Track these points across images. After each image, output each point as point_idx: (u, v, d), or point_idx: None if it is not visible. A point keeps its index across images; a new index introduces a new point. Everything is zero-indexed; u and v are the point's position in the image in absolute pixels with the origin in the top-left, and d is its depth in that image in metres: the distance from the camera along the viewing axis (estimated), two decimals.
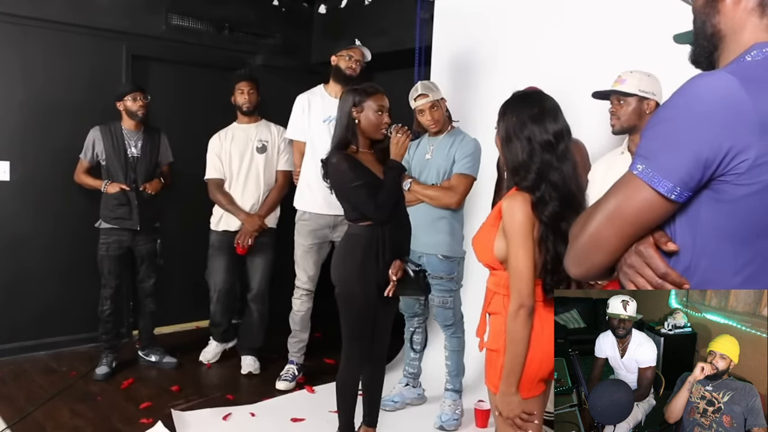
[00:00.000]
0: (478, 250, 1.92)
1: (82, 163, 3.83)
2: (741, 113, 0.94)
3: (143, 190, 3.74)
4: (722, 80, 0.97)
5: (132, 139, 3.79)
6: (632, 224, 1.04)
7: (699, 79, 0.99)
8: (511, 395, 1.77)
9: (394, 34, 4.36)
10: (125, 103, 3.75)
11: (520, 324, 1.74)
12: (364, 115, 2.60)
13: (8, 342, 3.99)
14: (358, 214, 2.58)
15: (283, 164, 3.96)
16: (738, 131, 0.94)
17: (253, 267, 3.96)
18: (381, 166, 2.63)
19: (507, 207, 1.79)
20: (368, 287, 2.56)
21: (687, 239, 1.03)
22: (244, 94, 3.93)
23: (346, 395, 2.72)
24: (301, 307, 3.73)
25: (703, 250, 1.02)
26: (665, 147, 1.00)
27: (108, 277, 3.76)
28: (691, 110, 0.98)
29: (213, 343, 4.13)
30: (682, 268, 1.04)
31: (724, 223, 1.00)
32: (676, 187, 0.98)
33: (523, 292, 1.74)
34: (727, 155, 0.95)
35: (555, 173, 1.79)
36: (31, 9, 3.93)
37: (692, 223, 1.02)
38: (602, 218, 1.07)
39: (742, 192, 0.96)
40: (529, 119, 1.81)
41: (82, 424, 3.11)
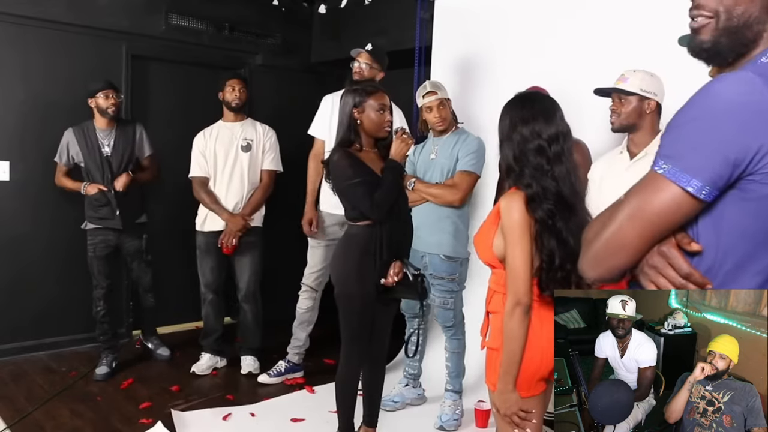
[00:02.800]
0: (479, 248, 1.93)
1: (60, 167, 3.81)
2: (766, 112, 0.95)
3: (115, 190, 3.71)
4: (746, 80, 0.97)
5: (105, 137, 3.76)
6: (656, 224, 1.03)
7: (722, 78, 0.99)
8: (508, 392, 1.78)
9: (394, 34, 4.36)
10: (96, 101, 3.70)
11: (516, 321, 1.75)
12: (366, 115, 2.60)
13: (8, 342, 3.99)
14: (357, 213, 2.58)
15: (269, 163, 3.91)
16: (765, 130, 0.95)
17: (240, 267, 3.90)
18: (383, 165, 2.63)
19: (504, 205, 1.80)
20: (366, 287, 2.56)
21: (711, 239, 1.03)
22: (234, 90, 3.87)
23: (345, 395, 2.72)
24: (302, 305, 3.75)
25: (727, 250, 1.02)
26: (692, 147, 0.99)
27: (98, 278, 3.76)
28: (717, 110, 0.98)
29: (206, 355, 3.96)
30: (704, 268, 1.03)
31: (750, 222, 1.00)
32: (705, 186, 0.97)
33: (520, 290, 1.74)
34: (756, 154, 0.95)
35: (546, 176, 1.79)
36: (31, 9, 3.93)
37: (716, 222, 1.02)
38: (624, 219, 1.05)
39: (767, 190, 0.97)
40: (520, 121, 1.82)
41: (82, 424, 3.11)
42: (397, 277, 2.55)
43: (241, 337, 4.08)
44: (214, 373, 3.95)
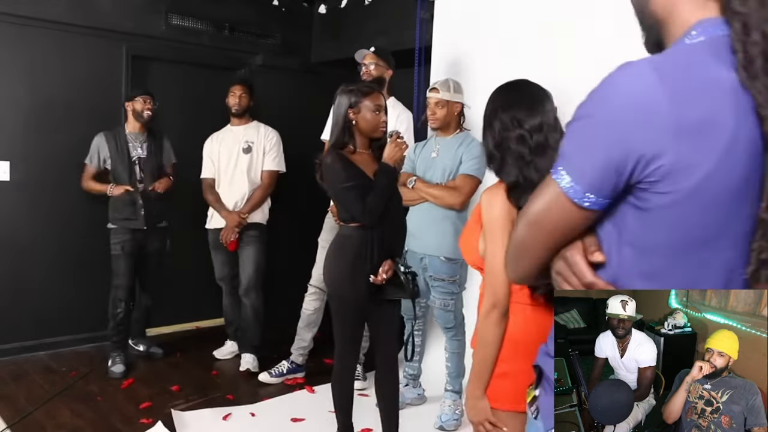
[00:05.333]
0: (464, 250, 1.84)
1: (89, 170, 3.88)
2: (653, 115, 0.85)
3: (152, 190, 3.82)
4: (639, 77, 0.87)
5: (136, 141, 3.87)
6: (551, 232, 0.98)
7: (619, 72, 0.90)
8: (477, 399, 1.67)
9: (394, 34, 4.36)
10: (134, 104, 3.83)
11: (491, 324, 1.63)
12: (362, 116, 2.58)
13: (8, 342, 3.99)
14: (349, 215, 2.57)
15: (269, 164, 4.03)
16: (650, 136, 0.85)
17: (242, 261, 4.03)
18: (377, 167, 2.62)
19: (485, 199, 1.68)
20: (358, 288, 2.55)
21: (613, 248, 0.96)
22: (234, 96, 4.02)
23: (341, 395, 2.72)
24: (308, 306, 3.76)
25: (631, 261, 0.94)
26: (577, 148, 0.93)
27: (121, 278, 3.79)
28: (602, 110, 0.90)
29: (228, 342, 4.25)
30: (610, 277, 0.97)
31: (650, 233, 0.91)
32: (587, 194, 0.91)
33: (498, 292, 1.62)
34: (639, 162, 0.87)
35: (528, 167, 1.64)
36: (31, 9, 3.93)
37: (619, 231, 0.94)
38: (523, 225, 1.01)
39: (662, 201, 0.88)
40: (501, 109, 1.71)
41: (82, 424, 3.12)
42: (386, 275, 2.53)
43: (241, 334, 4.11)
44: (214, 373, 3.96)
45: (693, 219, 0.89)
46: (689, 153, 0.85)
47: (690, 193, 0.87)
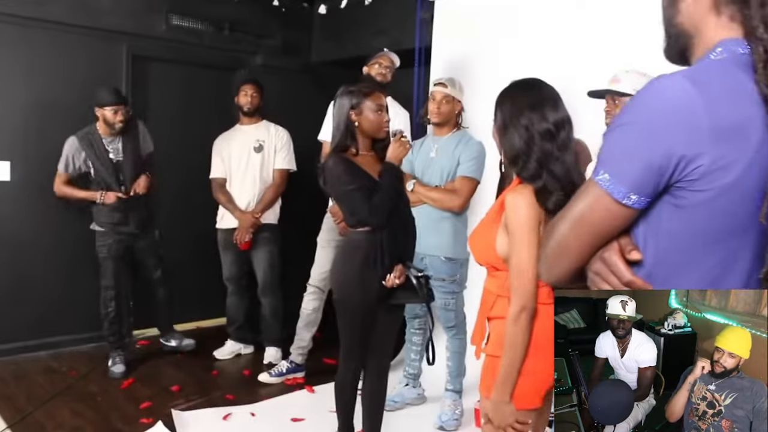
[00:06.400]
0: (477, 249, 1.82)
1: (60, 176, 3.77)
2: (693, 120, 0.93)
3: (134, 194, 3.75)
4: (677, 85, 0.95)
5: (111, 143, 3.76)
6: (594, 232, 1.03)
7: (657, 83, 0.98)
8: (504, 404, 1.66)
9: (394, 34, 4.36)
10: (104, 113, 3.68)
11: (521, 328, 1.63)
12: (364, 117, 2.54)
13: (8, 342, 3.99)
14: (356, 219, 2.52)
15: (280, 163, 4.04)
16: (690, 139, 0.93)
17: (256, 261, 4.06)
18: (381, 168, 2.57)
19: (511, 201, 1.67)
20: (367, 294, 2.50)
21: (649, 245, 1.02)
22: (247, 95, 4.01)
23: (345, 397, 2.71)
24: (308, 306, 3.76)
25: (664, 257, 1.01)
26: (620, 152, 1.00)
27: (110, 279, 3.78)
28: (644, 116, 0.97)
29: (229, 342, 4.24)
30: (644, 274, 1.03)
31: (685, 229, 0.98)
32: (630, 193, 0.97)
33: (527, 294, 1.63)
34: (680, 163, 0.94)
35: (556, 163, 1.67)
36: (32, 9, 3.93)
37: (654, 229, 1.01)
38: (566, 225, 1.06)
39: (699, 198, 0.95)
40: (527, 106, 1.71)
41: (82, 424, 3.12)
42: (398, 280, 2.49)
43: (263, 330, 4.17)
44: (214, 373, 3.96)
45: (727, 210, 0.96)
46: (725, 154, 0.93)
47: (724, 190, 0.94)
